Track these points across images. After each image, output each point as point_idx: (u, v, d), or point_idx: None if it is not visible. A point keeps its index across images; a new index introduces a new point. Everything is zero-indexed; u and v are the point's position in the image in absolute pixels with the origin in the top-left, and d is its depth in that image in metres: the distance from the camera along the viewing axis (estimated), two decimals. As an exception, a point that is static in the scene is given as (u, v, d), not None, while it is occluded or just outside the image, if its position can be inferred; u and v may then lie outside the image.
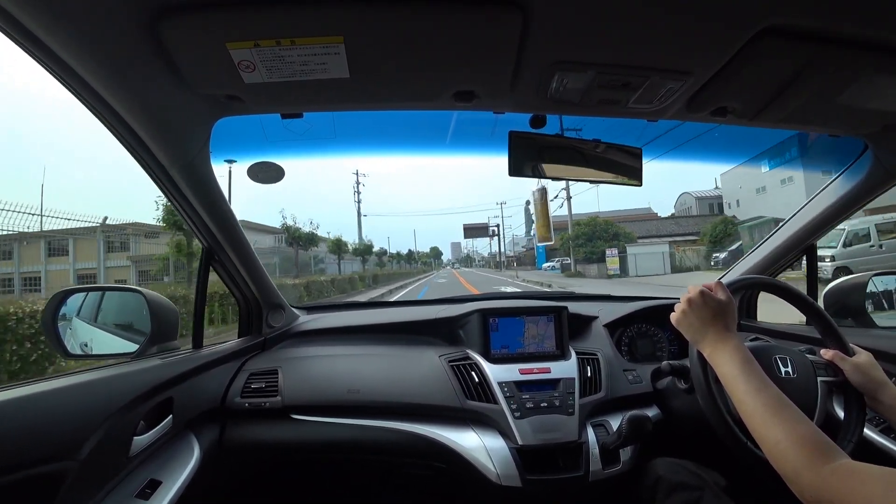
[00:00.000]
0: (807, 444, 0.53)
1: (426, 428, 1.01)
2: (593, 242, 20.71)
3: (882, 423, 0.93)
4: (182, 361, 0.93)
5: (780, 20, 0.57)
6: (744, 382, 0.62)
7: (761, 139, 1.09)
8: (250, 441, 1.04)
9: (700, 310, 0.72)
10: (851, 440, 0.72)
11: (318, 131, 0.96)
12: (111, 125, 0.71)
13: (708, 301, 0.72)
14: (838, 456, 0.51)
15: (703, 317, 0.71)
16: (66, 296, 0.94)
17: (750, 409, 0.60)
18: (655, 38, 0.61)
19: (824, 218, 1.14)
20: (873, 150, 0.97)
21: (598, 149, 0.93)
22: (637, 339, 1.35)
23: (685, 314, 0.73)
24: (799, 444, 0.53)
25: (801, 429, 0.55)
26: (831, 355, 0.79)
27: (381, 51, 0.61)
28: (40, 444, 0.60)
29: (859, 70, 0.67)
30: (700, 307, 0.72)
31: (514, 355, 1.14)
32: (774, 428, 0.56)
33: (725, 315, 0.71)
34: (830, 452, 0.51)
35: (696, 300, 0.72)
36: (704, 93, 0.74)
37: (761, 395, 0.60)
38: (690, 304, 0.73)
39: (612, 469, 0.97)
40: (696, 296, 0.73)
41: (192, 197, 0.90)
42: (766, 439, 0.57)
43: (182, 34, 0.56)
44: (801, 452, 0.52)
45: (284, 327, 1.30)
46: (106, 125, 0.71)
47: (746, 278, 0.86)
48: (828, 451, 0.51)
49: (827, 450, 0.52)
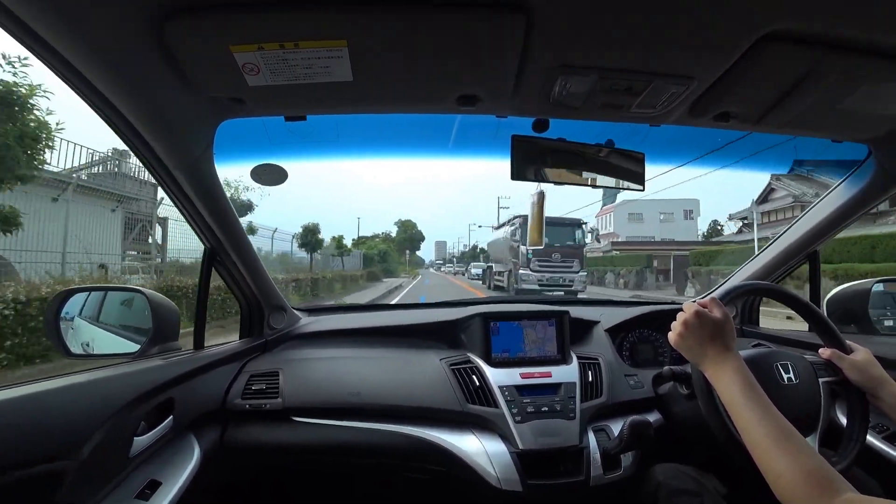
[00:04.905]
0: (811, 478, 0.52)
1: (427, 431, 1.01)
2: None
3: (886, 431, 0.92)
4: (183, 362, 0.93)
5: (783, 25, 0.57)
6: (746, 410, 0.61)
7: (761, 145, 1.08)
8: (251, 443, 1.04)
9: (697, 330, 0.71)
10: (858, 440, 0.72)
11: (321, 134, 0.96)
12: (116, 126, 0.71)
13: (704, 321, 0.71)
14: (843, 489, 0.50)
15: (702, 337, 0.70)
16: (69, 295, 0.94)
17: (753, 439, 0.59)
18: (658, 42, 0.61)
19: (827, 224, 1.14)
20: (876, 155, 0.97)
21: (601, 153, 0.93)
22: (638, 344, 1.35)
23: (683, 336, 0.72)
24: (803, 478, 0.52)
25: (806, 461, 0.54)
26: (829, 354, 0.79)
27: (384, 54, 0.62)
28: (41, 443, 0.60)
29: (863, 75, 0.67)
30: (697, 328, 0.71)
31: (515, 359, 1.14)
32: (778, 460, 0.55)
33: (724, 333, 0.70)
34: (835, 486, 0.50)
35: (692, 321, 0.71)
36: (707, 98, 0.74)
37: (764, 424, 0.59)
38: (687, 325, 0.72)
39: (613, 474, 0.97)
40: (692, 316, 0.71)
41: (195, 198, 0.91)
42: (770, 471, 0.56)
43: (187, 37, 0.56)
44: (806, 486, 0.51)
45: (286, 329, 1.30)
46: (111, 126, 0.71)
47: (737, 287, 0.85)
48: (833, 485, 0.51)
49: (832, 483, 0.51)
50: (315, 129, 0.90)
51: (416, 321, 1.33)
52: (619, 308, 1.48)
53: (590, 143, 0.92)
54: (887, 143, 0.92)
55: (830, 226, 1.14)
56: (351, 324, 1.37)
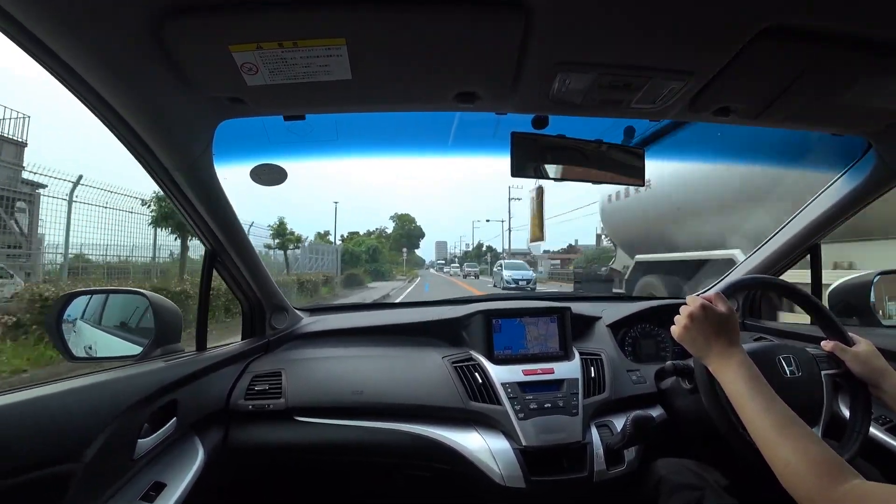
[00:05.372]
0: (818, 466, 0.52)
1: (430, 429, 1.01)
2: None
3: (888, 422, 0.92)
4: (186, 364, 0.93)
5: (782, 20, 0.56)
6: (751, 400, 0.61)
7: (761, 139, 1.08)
8: (254, 443, 1.04)
9: (702, 324, 0.70)
10: (861, 432, 0.72)
11: (320, 133, 0.96)
12: (114, 127, 0.71)
13: (710, 315, 0.70)
14: (850, 476, 0.50)
15: (706, 331, 0.70)
16: (71, 298, 0.94)
17: (758, 429, 0.59)
18: (657, 38, 0.61)
19: (827, 217, 1.14)
20: (877, 148, 0.97)
21: (601, 149, 0.93)
22: (640, 340, 1.35)
23: (687, 329, 0.72)
24: (810, 466, 0.52)
25: (812, 449, 0.54)
26: (831, 346, 0.79)
27: (383, 52, 0.62)
28: (45, 446, 0.60)
29: (863, 69, 0.67)
30: (702, 321, 0.70)
31: (517, 356, 1.14)
32: (784, 448, 0.55)
33: (728, 328, 0.69)
34: (842, 473, 0.51)
35: (698, 314, 0.71)
36: (707, 93, 0.74)
37: (769, 414, 0.59)
38: (692, 318, 0.71)
39: (616, 470, 0.97)
40: (698, 310, 0.71)
41: (194, 199, 0.90)
42: (776, 460, 0.56)
43: (185, 37, 0.56)
44: (813, 474, 0.51)
45: (288, 329, 1.30)
46: (109, 127, 0.71)
47: (739, 280, 0.85)
48: (840, 472, 0.51)
49: (839, 471, 0.51)
50: (314, 129, 0.90)
51: (417, 319, 1.33)
52: (620, 303, 1.48)
53: (589, 139, 0.92)
54: (887, 137, 0.92)
55: (831, 219, 1.14)
56: (353, 323, 1.37)
